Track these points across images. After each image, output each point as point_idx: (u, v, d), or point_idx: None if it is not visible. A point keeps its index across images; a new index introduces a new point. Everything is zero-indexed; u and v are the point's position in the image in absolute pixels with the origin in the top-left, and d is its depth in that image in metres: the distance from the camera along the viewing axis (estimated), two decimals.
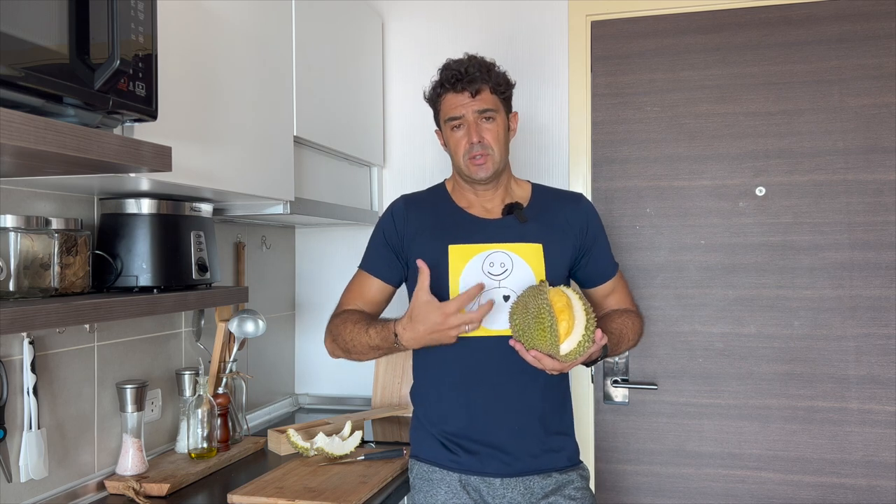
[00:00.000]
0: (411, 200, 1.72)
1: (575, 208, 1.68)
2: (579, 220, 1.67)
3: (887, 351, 2.13)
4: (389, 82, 2.52)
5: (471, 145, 1.58)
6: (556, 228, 1.64)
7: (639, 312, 1.74)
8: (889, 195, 2.13)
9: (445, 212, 1.67)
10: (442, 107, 1.63)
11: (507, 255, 1.58)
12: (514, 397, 1.58)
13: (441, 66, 1.63)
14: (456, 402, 1.60)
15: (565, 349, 1.37)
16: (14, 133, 0.91)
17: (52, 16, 0.99)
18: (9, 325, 1.04)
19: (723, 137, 2.25)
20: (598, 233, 1.71)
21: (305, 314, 2.59)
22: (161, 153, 1.18)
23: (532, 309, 1.37)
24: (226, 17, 1.55)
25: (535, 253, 1.59)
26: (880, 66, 2.14)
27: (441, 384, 1.62)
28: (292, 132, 1.84)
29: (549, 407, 1.62)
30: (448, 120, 1.61)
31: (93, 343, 1.63)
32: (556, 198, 1.71)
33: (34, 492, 1.48)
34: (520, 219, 1.63)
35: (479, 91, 1.58)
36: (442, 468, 1.60)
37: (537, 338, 1.37)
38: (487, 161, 1.58)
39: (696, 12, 2.27)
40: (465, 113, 1.58)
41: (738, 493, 2.22)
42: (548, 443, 1.60)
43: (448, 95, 1.61)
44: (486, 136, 1.58)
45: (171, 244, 1.52)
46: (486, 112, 1.58)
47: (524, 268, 1.58)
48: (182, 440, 1.84)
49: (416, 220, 1.67)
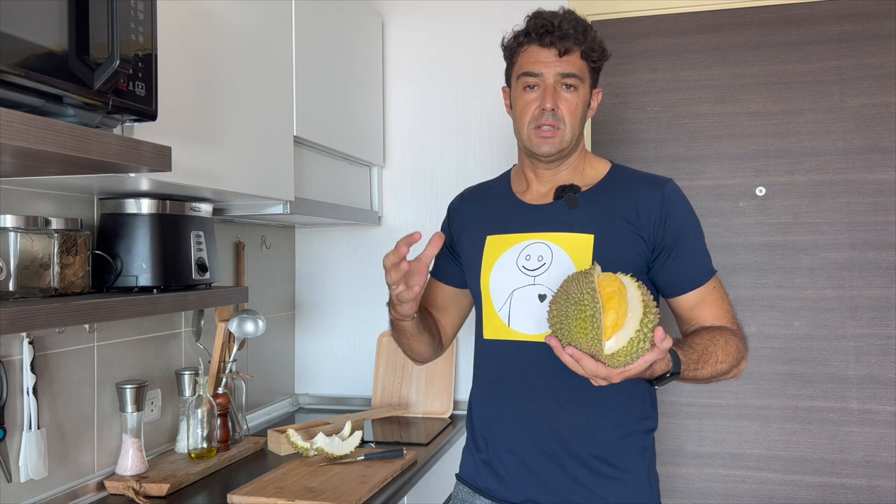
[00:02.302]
0: (469, 192, 1.54)
1: (653, 195, 1.33)
2: (655, 210, 1.32)
3: (887, 351, 2.13)
4: (389, 82, 2.52)
5: (541, 112, 1.31)
6: (620, 217, 1.32)
7: (741, 333, 1.35)
8: (889, 195, 2.13)
9: (496, 199, 1.45)
10: (519, 59, 1.35)
11: (546, 246, 1.32)
12: (553, 415, 1.31)
13: (530, 14, 1.36)
14: (487, 416, 1.39)
15: (611, 347, 1.05)
16: (14, 133, 0.91)
17: (52, 16, 0.99)
18: (9, 325, 1.04)
19: (723, 137, 2.25)
20: (685, 227, 1.34)
21: (305, 314, 2.59)
22: (161, 153, 1.18)
23: (574, 295, 1.07)
24: (226, 17, 1.55)
25: (582, 245, 1.31)
26: (880, 66, 2.14)
27: (478, 394, 1.44)
28: (292, 132, 1.83)
29: (599, 431, 1.30)
30: (523, 75, 1.33)
31: (93, 343, 1.63)
32: (633, 182, 1.38)
33: (34, 492, 1.47)
34: (569, 204, 1.34)
35: (569, 51, 1.31)
36: (474, 492, 1.41)
37: (575, 330, 1.06)
38: (556, 136, 1.32)
39: (696, 12, 2.27)
40: (544, 72, 1.31)
41: (738, 493, 2.22)
42: (594, 478, 1.30)
43: (531, 47, 1.33)
44: (563, 106, 1.31)
45: (170, 244, 1.52)
46: (570, 78, 1.31)
47: (566, 262, 1.30)
48: (182, 440, 1.84)
49: (468, 210, 1.49)
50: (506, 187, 1.47)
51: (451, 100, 2.46)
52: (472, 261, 1.41)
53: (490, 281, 1.37)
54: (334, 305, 2.56)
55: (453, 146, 2.46)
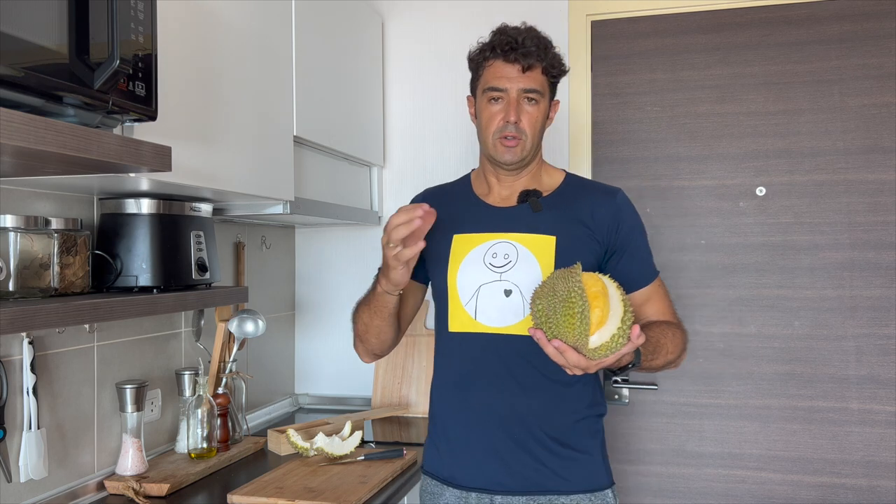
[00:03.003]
0: (430, 193, 1.62)
1: (604, 202, 1.48)
2: (609, 216, 1.46)
3: (887, 351, 2.13)
4: (389, 82, 2.52)
5: (505, 124, 1.42)
6: (578, 222, 1.45)
7: (682, 326, 1.49)
8: (889, 195, 2.13)
9: (460, 201, 1.55)
10: (485, 73, 1.46)
11: (512, 245, 1.43)
12: (518, 402, 1.41)
13: (494, 29, 1.47)
14: (452, 406, 1.47)
15: (595, 342, 1.16)
16: (14, 133, 0.91)
17: (52, 16, 0.99)
18: (9, 325, 1.04)
19: (723, 137, 2.25)
20: (633, 233, 1.49)
21: (305, 314, 2.59)
22: (161, 153, 1.18)
23: (561, 292, 1.17)
24: (226, 18, 1.55)
25: (545, 245, 1.42)
26: (880, 66, 2.14)
27: (442, 387, 1.50)
28: (292, 132, 1.83)
29: (559, 416, 1.42)
30: (488, 89, 1.44)
31: (92, 343, 1.63)
32: (588, 190, 1.52)
33: (34, 492, 1.48)
34: (533, 207, 1.46)
35: (531, 67, 1.42)
36: (442, 482, 1.49)
37: (564, 325, 1.16)
38: (518, 145, 1.43)
39: (696, 12, 2.27)
40: (509, 87, 1.42)
41: (738, 493, 2.22)
42: (556, 459, 1.41)
43: (496, 62, 1.44)
44: (525, 118, 1.43)
45: (170, 244, 1.52)
46: (532, 93, 1.42)
47: (530, 260, 1.41)
48: (182, 440, 1.84)
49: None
50: (467, 190, 1.57)
51: (451, 100, 2.45)
52: (438, 257, 1.49)
53: (458, 276, 1.45)
54: (334, 305, 2.56)
55: (453, 146, 2.46)
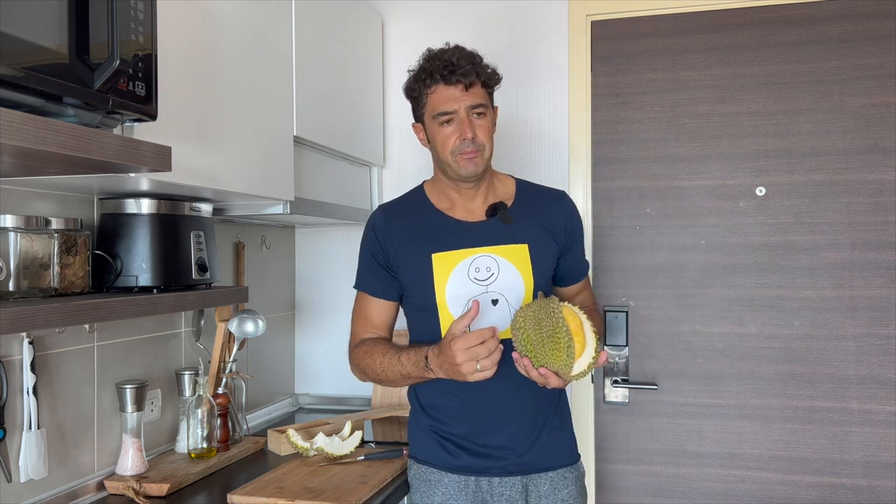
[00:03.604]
0: (389, 210, 1.67)
1: (558, 206, 1.65)
2: (563, 219, 1.64)
3: (887, 351, 2.13)
4: (389, 82, 2.52)
5: (462, 142, 1.51)
6: (541, 227, 1.61)
7: (599, 311, 1.78)
8: (889, 195, 2.13)
9: (426, 217, 1.62)
10: (430, 100, 1.54)
11: (492, 258, 1.56)
12: (510, 398, 1.57)
13: (425, 56, 1.55)
14: (451, 404, 1.60)
15: (576, 370, 1.36)
16: (14, 133, 0.91)
17: (52, 16, 0.99)
18: (9, 325, 1.04)
19: (723, 137, 2.25)
20: (579, 232, 1.69)
21: (305, 314, 2.59)
22: (161, 153, 1.18)
23: (547, 327, 1.34)
24: (226, 17, 1.55)
25: (520, 254, 1.57)
26: (880, 66, 2.14)
27: (436, 388, 1.61)
28: (292, 132, 1.83)
29: (545, 405, 1.61)
30: (438, 114, 1.52)
31: (93, 343, 1.63)
32: (541, 195, 1.68)
33: (34, 492, 1.47)
34: (504, 220, 1.59)
35: (472, 84, 1.51)
36: (439, 469, 1.60)
37: (551, 357, 1.35)
38: (478, 157, 1.52)
39: (696, 12, 2.27)
40: (457, 107, 1.51)
41: (738, 493, 2.22)
42: (544, 440, 1.60)
43: (438, 87, 1.52)
44: (479, 132, 1.52)
45: (170, 244, 1.52)
46: (479, 107, 1.52)
47: (510, 270, 1.56)
48: (182, 440, 1.84)
49: (397, 229, 1.62)
50: (428, 205, 1.65)
51: None
52: (420, 277, 1.57)
53: (446, 292, 1.56)
54: (334, 305, 2.56)
55: None
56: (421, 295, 1.58)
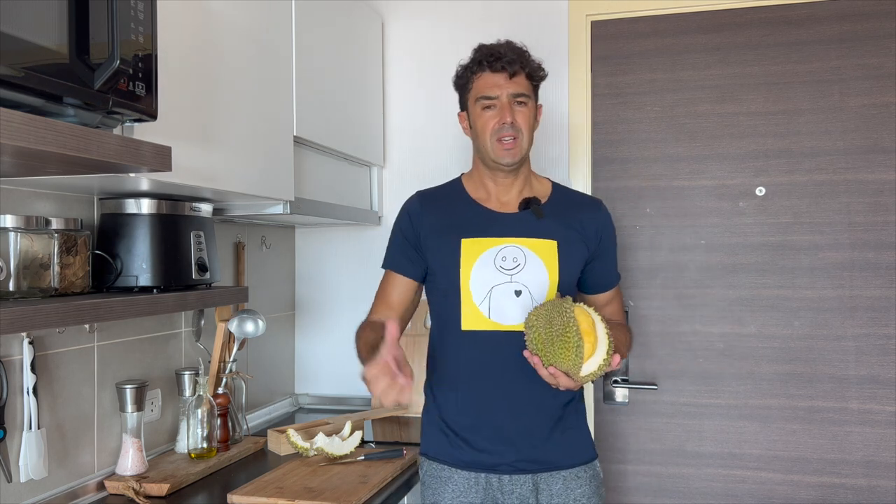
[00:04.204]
0: (426, 196, 1.70)
1: (592, 214, 1.66)
2: (595, 226, 1.65)
3: (887, 351, 2.13)
4: (389, 82, 2.52)
5: (501, 126, 1.54)
6: (572, 228, 1.62)
7: (628, 326, 1.73)
8: (889, 195, 2.13)
9: (460, 206, 1.65)
10: (474, 85, 1.59)
11: (520, 249, 1.56)
12: (523, 393, 1.55)
13: (475, 48, 1.61)
14: (464, 398, 1.59)
15: (585, 371, 1.35)
16: (14, 133, 0.91)
17: (52, 16, 0.99)
18: (9, 325, 1.04)
19: (723, 137, 2.25)
20: (611, 242, 1.69)
21: (305, 314, 2.59)
22: (161, 153, 1.18)
23: (557, 326, 1.33)
24: (226, 17, 1.55)
25: (549, 249, 1.57)
26: (880, 66, 2.14)
27: (450, 379, 1.60)
28: (292, 132, 1.83)
29: (558, 402, 1.59)
30: (481, 98, 1.57)
31: (93, 343, 1.63)
32: (576, 200, 1.70)
33: (34, 492, 1.48)
34: (537, 214, 1.60)
35: (516, 74, 1.55)
36: (450, 466, 1.59)
37: (560, 356, 1.34)
38: (516, 145, 1.55)
39: (696, 12, 2.27)
40: (500, 94, 1.55)
41: (738, 493, 2.22)
42: (557, 439, 1.58)
43: (483, 74, 1.57)
44: (518, 118, 1.55)
45: (170, 244, 1.52)
46: (521, 96, 1.56)
47: (537, 263, 1.56)
48: (182, 440, 1.84)
49: (431, 215, 1.65)
50: (464, 195, 1.67)
51: (451, 99, 2.43)
52: (447, 260, 1.58)
53: (470, 278, 1.56)
54: (334, 305, 2.56)
55: (453, 146, 2.45)
56: (445, 278, 1.59)
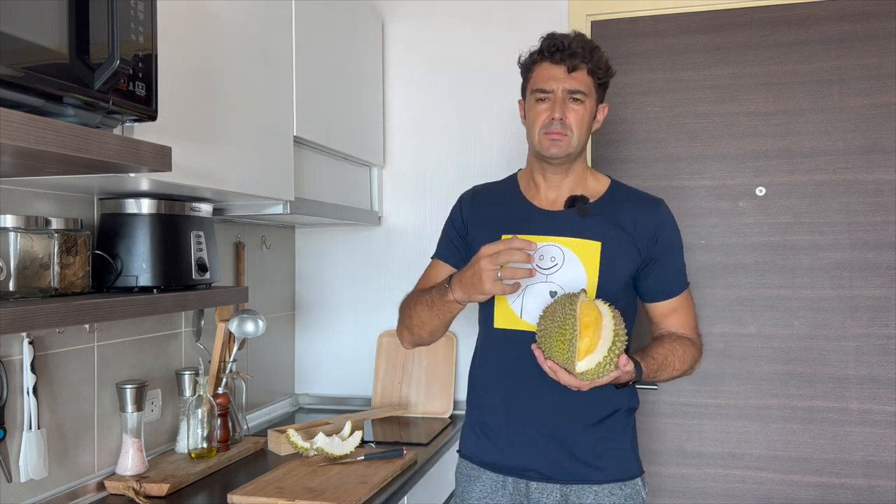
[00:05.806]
0: (479, 191, 1.69)
1: (649, 213, 1.54)
2: (651, 226, 1.53)
3: (887, 351, 2.13)
4: (389, 82, 2.52)
5: (551, 121, 1.48)
6: (622, 228, 1.51)
7: (697, 341, 1.58)
8: (889, 195, 2.13)
9: (509, 201, 1.61)
10: (533, 75, 1.53)
11: (559, 248, 1.49)
12: (555, 397, 1.47)
13: (544, 35, 1.53)
14: (495, 398, 1.55)
15: (582, 367, 1.28)
16: (14, 133, 0.91)
17: (52, 16, 0.99)
18: (9, 325, 1.04)
19: (723, 137, 2.25)
20: (671, 245, 1.56)
21: (305, 314, 2.59)
22: (161, 153, 1.18)
23: (557, 317, 1.30)
24: (226, 18, 1.55)
25: (591, 250, 1.49)
26: (880, 66, 2.14)
27: (486, 377, 1.58)
28: (292, 132, 1.83)
29: (598, 411, 1.50)
30: (536, 90, 1.51)
31: (93, 343, 1.63)
32: (632, 198, 1.58)
33: (34, 492, 1.47)
34: (581, 213, 1.52)
35: (576, 68, 1.47)
36: (480, 466, 1.57)
37: (555, 349, 1.30)
38: (563, 141, 1.48)
39: (696, 12, 2.27)
40: (554, 88, 1.48)
41: (738, 493, 2.22)
42: (592, 449, 1.49)
43: (543, 65, 1.50)
44: (570, 116, 1.48)
45: (170, 244, 1.52)
46: (577, 93, 1.48)
47: (576, 264, 1.48)
48: (182, 440, 1.84)
49: (481, 209, 1.63)
50: (515, 190, 1.63)
51: (452, 100, 2.46)
52: None
53: None
54: (334, 305, 2.56)
55: (453, 146, 2.46)
56: None
